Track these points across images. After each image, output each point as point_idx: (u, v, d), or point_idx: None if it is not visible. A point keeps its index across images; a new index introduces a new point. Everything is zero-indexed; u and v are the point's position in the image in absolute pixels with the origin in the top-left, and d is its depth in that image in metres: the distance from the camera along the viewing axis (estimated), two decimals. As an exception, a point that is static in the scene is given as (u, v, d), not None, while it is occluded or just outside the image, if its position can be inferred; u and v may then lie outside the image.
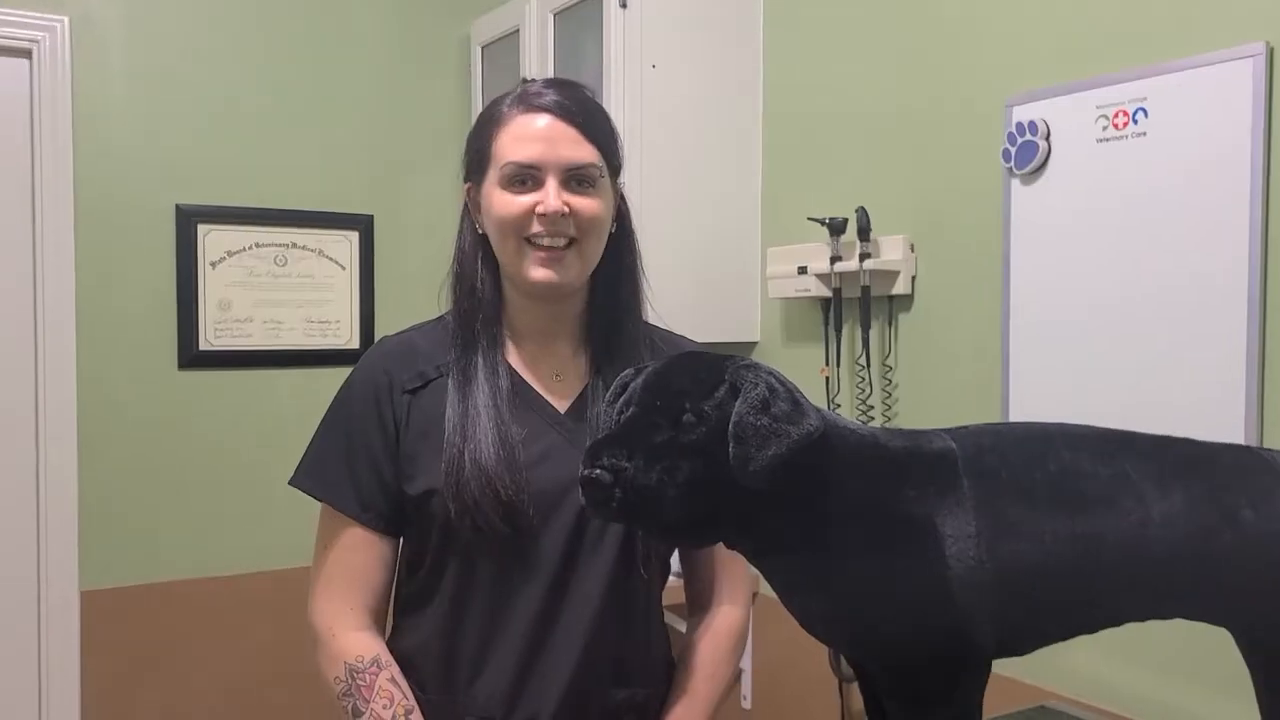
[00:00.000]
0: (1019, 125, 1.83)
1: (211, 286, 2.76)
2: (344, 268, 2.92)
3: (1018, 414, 1.86)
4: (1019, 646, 0.99)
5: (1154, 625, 1.01)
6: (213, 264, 2.76)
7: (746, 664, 2.44)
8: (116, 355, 2.65)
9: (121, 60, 2.66)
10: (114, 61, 2.65)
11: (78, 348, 2.59)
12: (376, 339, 1.38)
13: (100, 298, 2.62)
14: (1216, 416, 1.57)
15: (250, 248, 2.80)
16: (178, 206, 2.71)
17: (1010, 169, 1.86)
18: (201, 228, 2.74)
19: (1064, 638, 1.00)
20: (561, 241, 1.21)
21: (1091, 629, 1.00)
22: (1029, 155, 1.82)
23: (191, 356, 2.73)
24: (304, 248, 2.87)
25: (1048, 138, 1.80)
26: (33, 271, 2.55)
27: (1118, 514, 0.94)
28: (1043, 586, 0.94)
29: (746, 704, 2.49)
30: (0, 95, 2.53)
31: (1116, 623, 1.00)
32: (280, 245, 2.84)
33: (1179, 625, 1.01)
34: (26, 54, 2.54)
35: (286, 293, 2.84)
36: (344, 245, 2.92)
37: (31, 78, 2.54)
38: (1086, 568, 0.94)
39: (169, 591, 2.69)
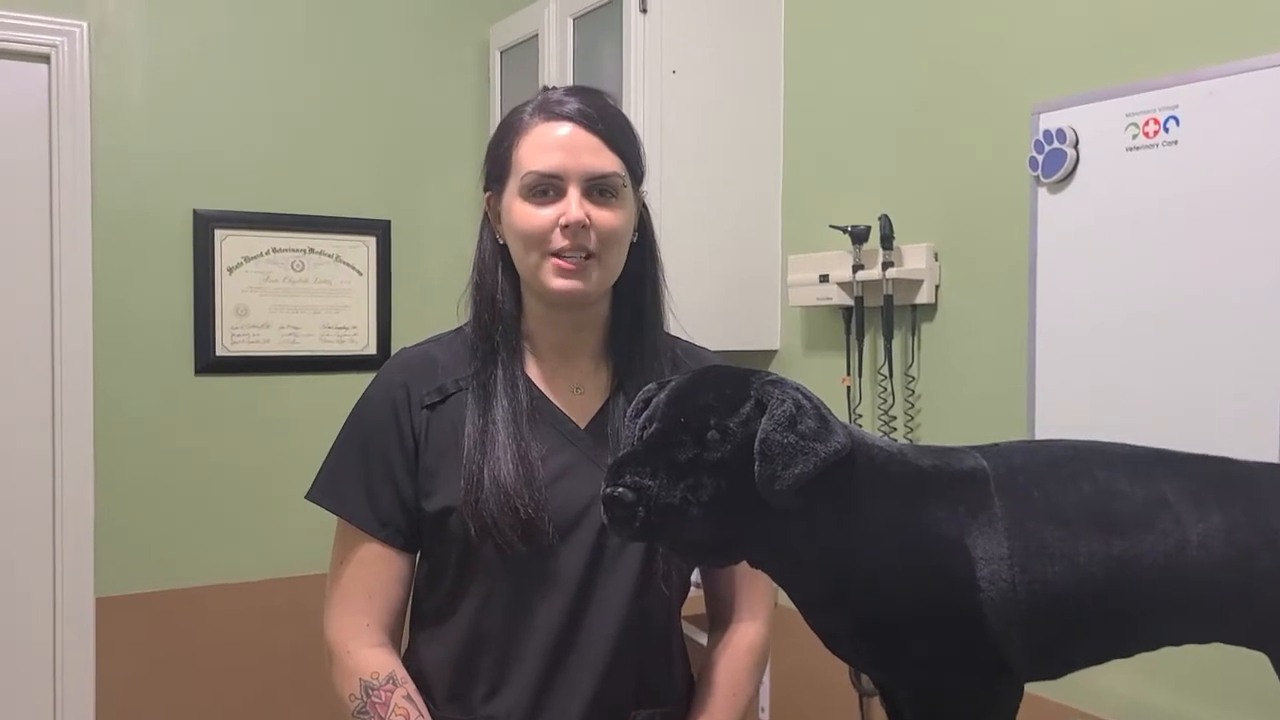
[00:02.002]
0: (1046, 133, 1.80)
1: (229, 292, 2.75)
2: (361, 273, 2.91)
3: (1044, 428, 1.82)
4: (1052, 670, 0.96)
5: (1187, 645, 0.98)
6: (230, 269, 2.75)
7: (765, 676, 2.41)
8: (133, 360, 2.65)
9: (139, 65, 2.65)
10: (132, 67, 2.65)
11: (95, 352, 2.59)
12: (393, 345, 1.37)
13: (117, 303, 2.62)
14: (1250, 433, 1.53)
15: (267, 253, 2.79)
16: (195, 211, 2.71)
17: (1037, 177, 1.83)
18: (219, 233, 2.73)
19: (1098, 662, 0.97)
20: (581, 254, 1.19)
21: (1126, 653, 0.97)
22: (1056, 163, 1.79)
23: (208, 362, 2.73)
24: (321, 253, 2.86)
25: (1076, 146, 1.77)
26: (50, 276, 2.55)
27: (1154, 536, 0.91)
28: (1077, 610, 0.91)
29: (765, 715, 2.46)
30: (19, 100, 2.53)
31: (1152, 647, 0.97)
32: (297, 251, 2.83)
33: (1212, 646, 0.98)
34: (45, 59, 2.54)
35: (303, 298, 2.84)
36: (361, 251, 2.91)
37: (50, 83, 2.54)
38: (1122, 591, 0.91)
39: (184, 598, 2.69)
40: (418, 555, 1.29)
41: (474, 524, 1.17)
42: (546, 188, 1.19)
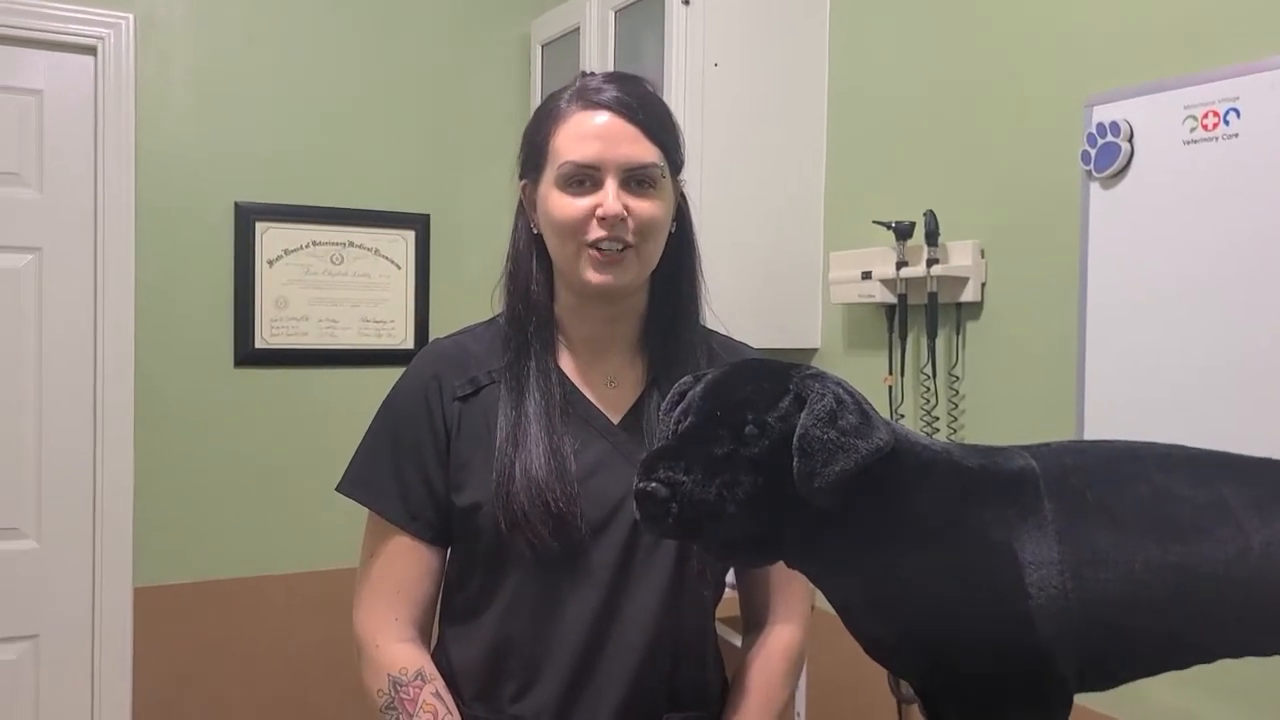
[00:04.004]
0: (1099, 126, 1.75)
1: (268, 284, 2.76)
2: (400, 267, 2.91)
3: (1093, 430, 1.77)
4: (1103, 682, 0.92)
5: (1246, 658, 0.93)
6: (270, 262, 2.76)
7: (802, 680, 2.38)
8: (174, 351, 2.66)
9: (184, 58, 2.67)
10: (177, 59, 2.66)
11: (136, 343, 2.61)
12: (431, 340, 1.34)
13: (159, 294, 2.64)
14: (1312, 436, 1.48)
15: (307, 246, 2.80)
16: (236, 204, 2.72)
17: (1089, 172, 1.77)
18: (259, 225, 2.74)
19: (1152, 673, 0.93)
20: (619, 245, 1.16)
21: (1182, 665, 0.93)
22: (1110, 158, 1.73)
23: (247, 354, 2.74)
24: (360, 246, 2.86)
25: (1130, 139, 1.71)
26: (94, 267, 2.57)
27: (1214, 543, 0.87)
28: (1131, 619, 0.87)
29: (801, 721, 2.42)
30: (65, 92, 2.55)
31: (1209, 659, 0.93)
32: (337, 244, 2.83)
33: (1274, 660, 0.93)
34: (91, 51, 2.56)
35: (342, 291, 2.84)
36: (400, 245, 2.91)
37: (96, 75, 2.56)
38: (1179, 600, 0.87)
39: (220, 589, 2.70)
40: (448, 550, 1.27)
41: (504, 518, 1.15)
42: (583, 178, 1.16)
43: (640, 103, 1.19)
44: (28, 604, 2.54)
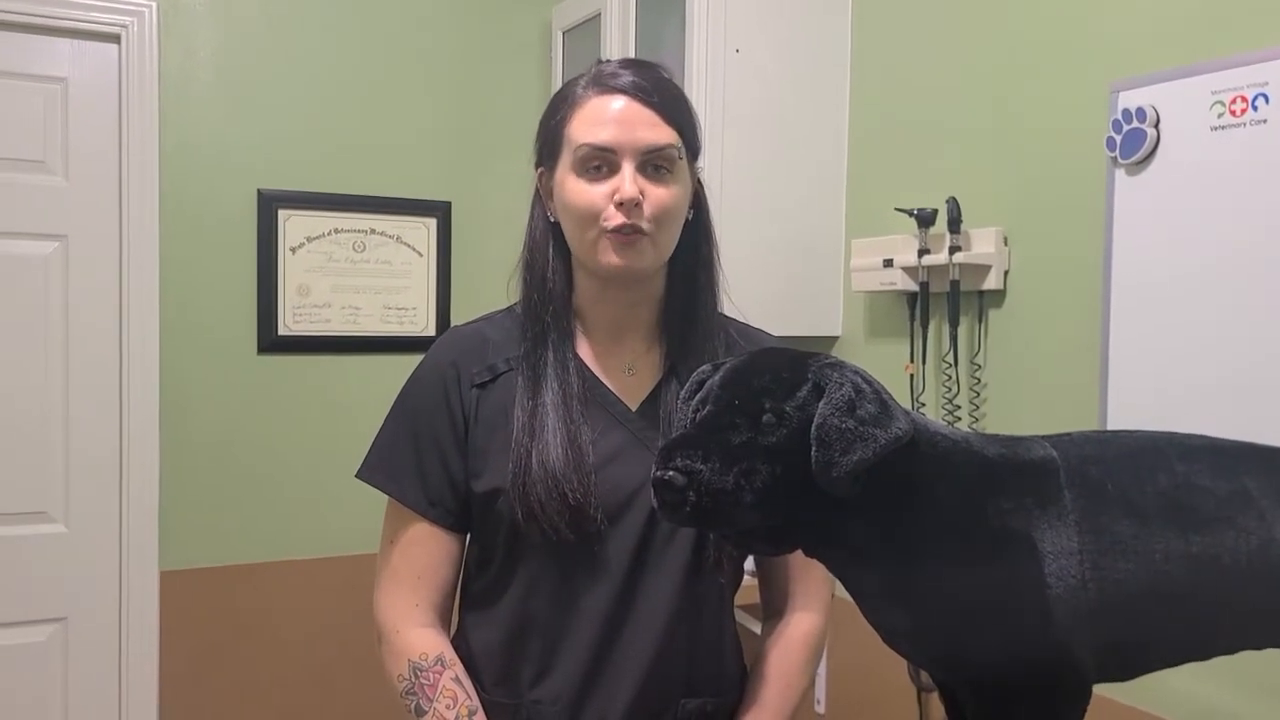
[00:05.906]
0: (1125, 112, 1.73)
1: (291, 271, 2.77)
2: (421, 255, 2.91)
3: (1117, 421, 1.76)
4: (1123, 673, 0.92)
5: (1268, 650, 0.93)
6: (292, 249, 2.77)
7: (821, 668, 2.38)
8: (198, 338, 2.68)
9: (207, 46, 2.68)
10: (200, 47, 2.67)
11: (160, 330, 2.63)
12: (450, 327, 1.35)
13: (183, 281, 2.66)
14: (1339, 426, 1.46)
15: (330, 233, 2.81)
16: (259, 191, 2.73)
17: (1114, 159, 1.75)
18: (282, 213, 2.75)
19: (1173, 665, 0.93)
20: (635, 230, 1.16)
21: (1203, 656, 0.93)
22: (1135, 144, 1.71)
23: (270, 341, 2.75)
24: (382, 234, 2.87)
25: (1157, 125, 1.69)
26: (118, 254, 2.59)
27: (1236, 533, 0.86)
28: (1152, 610, 0.86)
29: (820, 709, 2.42)
30: (89, 80, 2.57)
31: (1231, 651, 0.92)
32: (359, 231, 2.84)
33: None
34: (115, 39, 2.57)
35: (364, 279, 2.85)
36: (421, 232, 2.91)
37: (120, 62, 2.58)
38: (1200, 591, 0.86)
39: (244, 574, 2.72)
40: (467, 536, 1.27)
41: (520, 508, 1.15)
42: (600, 162, 1.16)
43: (656, 87, 1.19)
44: (56, 587, 2.57)
